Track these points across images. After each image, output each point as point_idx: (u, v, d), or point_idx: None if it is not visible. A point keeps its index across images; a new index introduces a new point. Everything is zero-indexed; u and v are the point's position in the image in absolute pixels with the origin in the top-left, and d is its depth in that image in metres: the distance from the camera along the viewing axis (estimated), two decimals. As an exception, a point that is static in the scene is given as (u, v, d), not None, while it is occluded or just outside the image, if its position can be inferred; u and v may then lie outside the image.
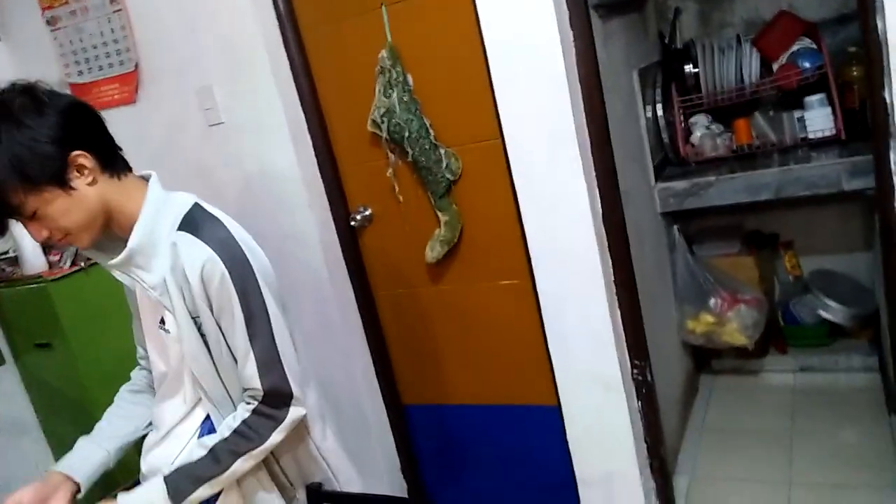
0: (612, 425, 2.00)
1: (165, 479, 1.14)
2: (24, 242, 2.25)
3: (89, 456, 1.30)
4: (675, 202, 2.59)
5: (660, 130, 2.65)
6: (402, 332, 2.42)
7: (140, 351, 1.43)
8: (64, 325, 2.25)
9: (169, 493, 1.12)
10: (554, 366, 2.04)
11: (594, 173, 1.87)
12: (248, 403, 1.18)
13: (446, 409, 2.44)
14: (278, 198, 2.20)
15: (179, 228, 1.17)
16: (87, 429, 1.38)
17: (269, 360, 1.15)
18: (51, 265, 2.28)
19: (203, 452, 1.16)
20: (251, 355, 1.14)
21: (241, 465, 1.16)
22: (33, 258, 2.26)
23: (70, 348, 2.27)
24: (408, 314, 2.38)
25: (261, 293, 1.16)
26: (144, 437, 1.36)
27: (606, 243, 1.91)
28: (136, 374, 1.45)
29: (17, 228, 2.30)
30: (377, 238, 2.31)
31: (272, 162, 2.18)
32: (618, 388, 1.95)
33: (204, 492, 1.14)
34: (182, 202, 1.22)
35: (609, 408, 1.99)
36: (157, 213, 1.18)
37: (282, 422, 1.18)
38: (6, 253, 2.31)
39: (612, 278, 1.93)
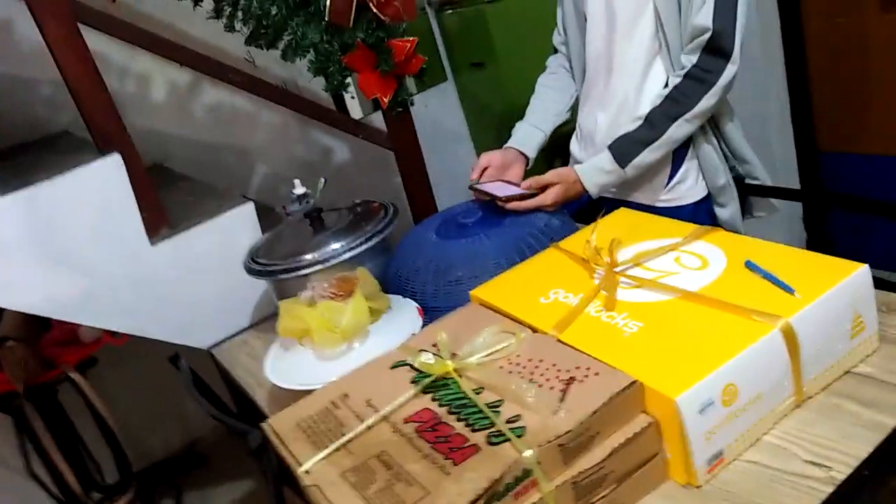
0: None
1: (609, 147, 1.28)
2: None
3: (532, 135, 1.48)
4: None
5: None
6: (832, 69, 2.17)
7: (558, 37, 1.54)
8: (496, 46, 2.51)
9: (615, 157, 1.26)
10: None
11: None
12: (682, 70, 1.21)
13: (872, 160, 2.20)
14: None
15: None
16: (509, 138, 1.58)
17: (727, 8, 1.16)
18: (487, -13, 2.50)
19: (640, 122, 1.26)
20: None
21: (678, 129, 1.23)
22: (473, -19, 2.50)
23: (500, 68, 2.54)
24: (844, 48, 2.10)
25: None
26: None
27: None
28: (553, 61, 1.57)
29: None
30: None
31: None
32: None
33: (649, 156, 1.24)
34: None
35: None
36: None
37: (713, 85, 1.19)
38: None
39: None
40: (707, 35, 1.18)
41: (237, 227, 1.59)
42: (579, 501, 0.71)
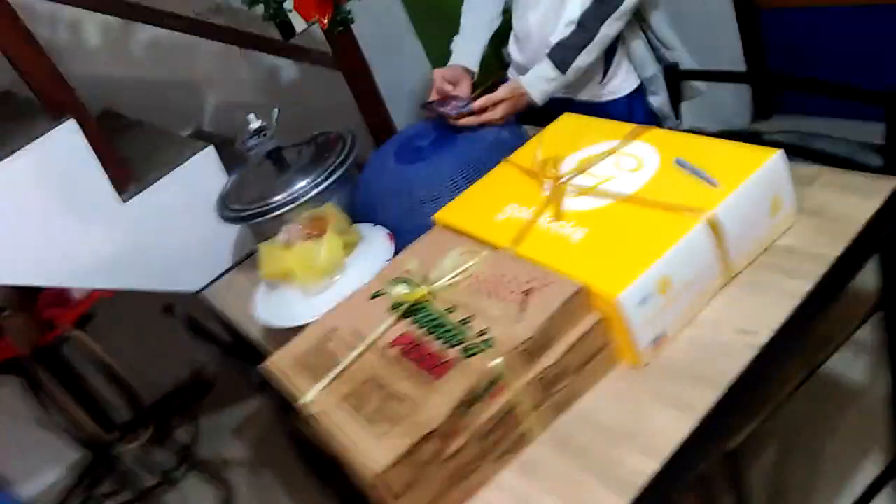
0: None
1: (548, 55, 1.33)
2: None
3: (471, 49, 1.51)
4: None
5: None
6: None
7: None
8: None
9: (556, 64, 1.31)
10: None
11: None
12: None
13: (808, 13, 2.24)
14: None
15: None
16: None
17: None
18: None
19: (573, 26, 1.30)
20: None
21: (608, 28, 1.29)
22: None
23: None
24: None
25: None
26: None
27: None
28: None
29: None
30: None
31: None
32: None
33: (586, 57, 1.30)
34: None
35: None
36: None
37: None
38: None
39: None
40: None
41: (202, 173, 1.64)
42: (544, 393, 0.84)
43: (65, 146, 1.47)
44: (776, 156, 0.91)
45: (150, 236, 1.59)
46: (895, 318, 1.13)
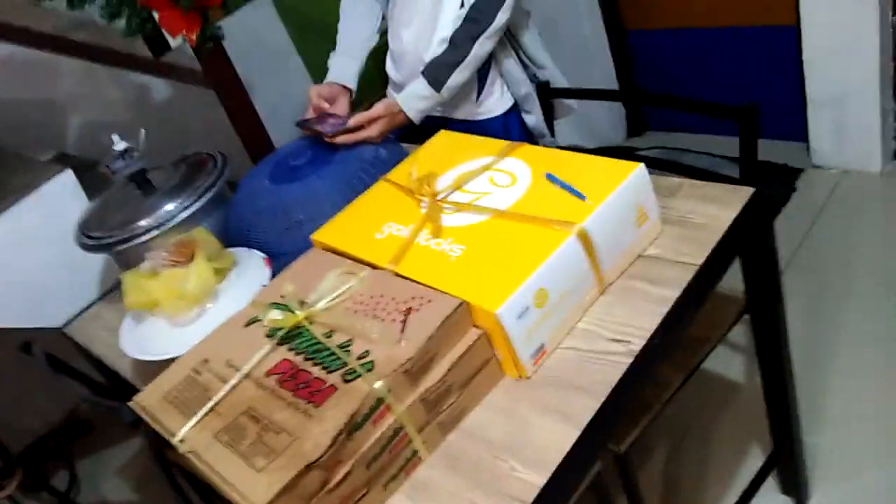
0: (856, 43, 1.88)
1: (423, 73, 1.33)
2: None
3: (347, 65, 1.50)
4: None
5: None
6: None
7: None
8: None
9: (429, 82, 1.32)
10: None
11: None
12: None
13: (672, 34, 2.39)
14: None
15: None
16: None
17: None
18: None
19: (446, 45, 1.32)
20: None
21: (480, 47, 1.31)
22: None
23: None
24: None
25: None
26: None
27: None
28: None
29: None
30: None
31: None
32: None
33: (459, 76, 1.31)
34: None
35: (857, 23, 1.85)
36: None
37: (504, 1, 1.28)
38: None
39: None
40: None
41: (60, 199, 1.52)
42: (430, 413, 0.82)
43: None
44: (638, 169, 0.95)
45: (5, 268, 1.45)
46: (760, 319, 1.21)
